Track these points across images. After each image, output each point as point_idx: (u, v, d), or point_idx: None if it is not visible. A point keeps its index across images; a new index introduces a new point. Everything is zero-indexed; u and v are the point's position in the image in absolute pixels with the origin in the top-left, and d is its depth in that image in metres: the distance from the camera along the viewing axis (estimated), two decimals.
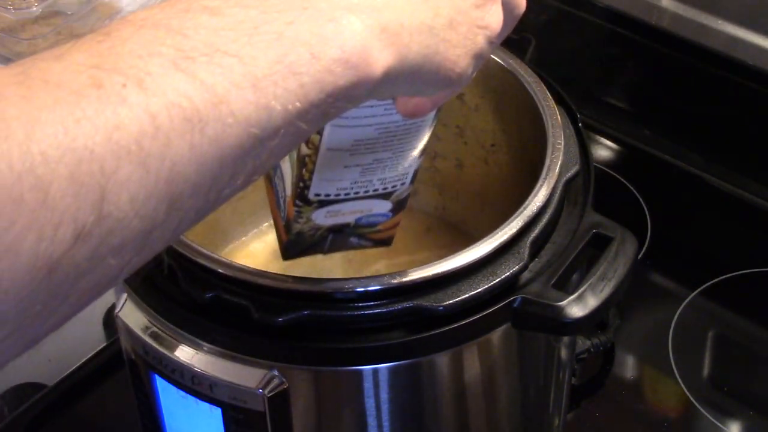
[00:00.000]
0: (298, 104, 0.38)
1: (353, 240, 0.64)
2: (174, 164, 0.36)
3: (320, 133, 0.53)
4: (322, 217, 0.60)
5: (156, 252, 0.38)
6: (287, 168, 0.58)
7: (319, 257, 0.67)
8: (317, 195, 0.58)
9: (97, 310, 0.95)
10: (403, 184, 0.60)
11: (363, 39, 0.40)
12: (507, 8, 0.49)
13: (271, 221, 0.66)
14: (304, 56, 0.38)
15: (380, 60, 0.41)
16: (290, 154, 0.57)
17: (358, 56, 0.40)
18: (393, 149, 0.57)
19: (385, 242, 0.65)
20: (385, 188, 0.60)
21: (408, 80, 0.44)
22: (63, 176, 0.33)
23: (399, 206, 0.62)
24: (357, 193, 0.59)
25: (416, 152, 0.58)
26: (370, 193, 0.60)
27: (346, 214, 0.61)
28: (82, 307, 0.37)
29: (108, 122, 0.34)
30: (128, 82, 0.35)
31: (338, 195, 0.59)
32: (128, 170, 0.35)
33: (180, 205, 0.37)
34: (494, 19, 0.47)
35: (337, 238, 0.63)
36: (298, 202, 0.58)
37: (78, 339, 0.93)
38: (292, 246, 0.63)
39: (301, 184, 0.57)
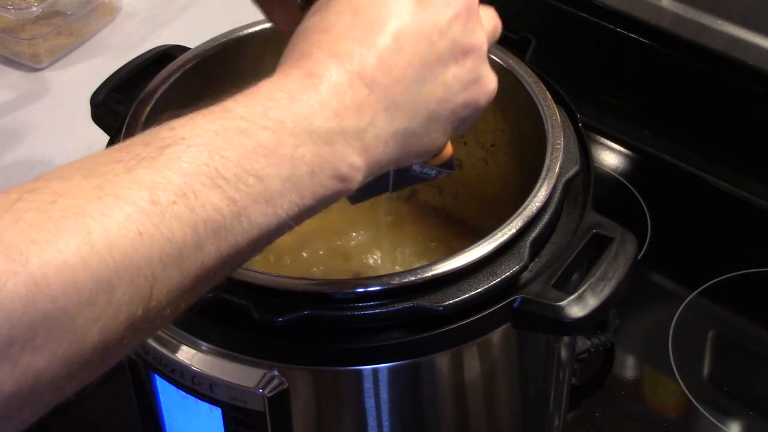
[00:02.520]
0: (296, 209, 0.47)
1: (416, 168, 0.63)
2: (202, 265, 0.44)
3: None
4: None
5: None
6: None
7: (318, 259, 0.67)
8: None
9: None
10: None
11: (349, 161, 0.49)
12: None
13: None
14: (306, 174, 0.47)
15: (359, 175, 0.50)
16: None
17: (343, 175, 0.49)
18: None
19: (448, 165, 0.63)
20: None
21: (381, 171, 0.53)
22: (126, 281, 0.41)
23: None
24: None
25: None
26: None
27: None
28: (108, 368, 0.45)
29: (163, 236, 0.42)
30: (178, 199, 0.43)
31: None
32: (170, 273, 0.43)
33: (199, 291, 0.46)
34: (485, 95, 0.55)
35: (400, 172, 0.62)
36: None
37: None
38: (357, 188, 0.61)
39: None
